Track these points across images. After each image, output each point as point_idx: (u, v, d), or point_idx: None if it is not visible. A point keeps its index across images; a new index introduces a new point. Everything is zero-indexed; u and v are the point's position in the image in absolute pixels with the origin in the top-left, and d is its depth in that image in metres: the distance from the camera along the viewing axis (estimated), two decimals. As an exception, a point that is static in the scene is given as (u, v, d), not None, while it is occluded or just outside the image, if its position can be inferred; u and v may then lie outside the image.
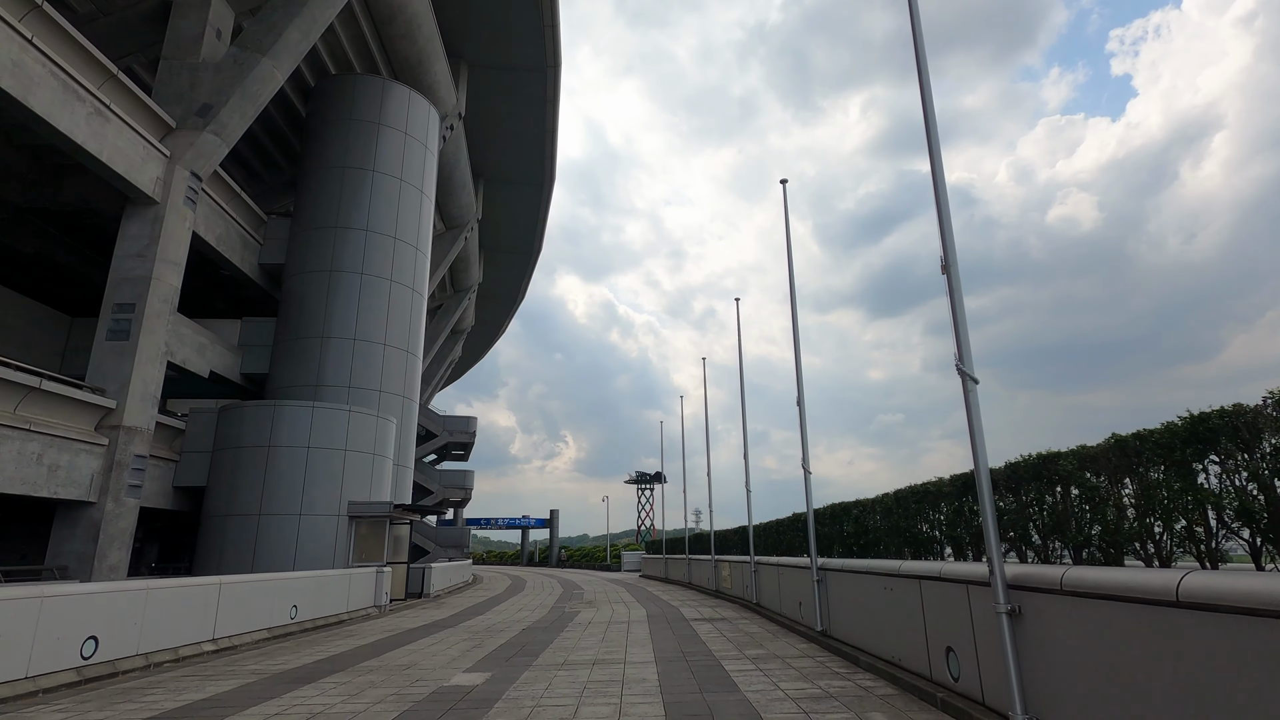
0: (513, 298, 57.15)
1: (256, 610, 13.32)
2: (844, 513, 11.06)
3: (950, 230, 6.53)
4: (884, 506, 9.15)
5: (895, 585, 7.82)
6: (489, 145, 37.74)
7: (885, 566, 8.11)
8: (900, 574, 7.67)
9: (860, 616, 9.07)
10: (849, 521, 10.78)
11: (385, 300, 24.25)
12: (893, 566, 7.93)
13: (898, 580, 7.75)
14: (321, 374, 22.74)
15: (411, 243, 25.66)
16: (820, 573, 10.87)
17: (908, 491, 8.38)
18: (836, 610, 10.20)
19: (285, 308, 23.81)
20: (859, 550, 10.59)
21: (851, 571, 9.31)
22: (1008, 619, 5.21)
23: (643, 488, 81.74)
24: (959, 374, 5.78)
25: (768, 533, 17.27)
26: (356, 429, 20.98)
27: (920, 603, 7.18)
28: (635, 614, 16.62)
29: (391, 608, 20.18)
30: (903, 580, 7.63)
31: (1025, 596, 5.13)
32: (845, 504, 10.97)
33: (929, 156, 6.51)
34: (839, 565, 9.99)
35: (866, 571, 8.70)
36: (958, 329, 5.88)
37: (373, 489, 21.25)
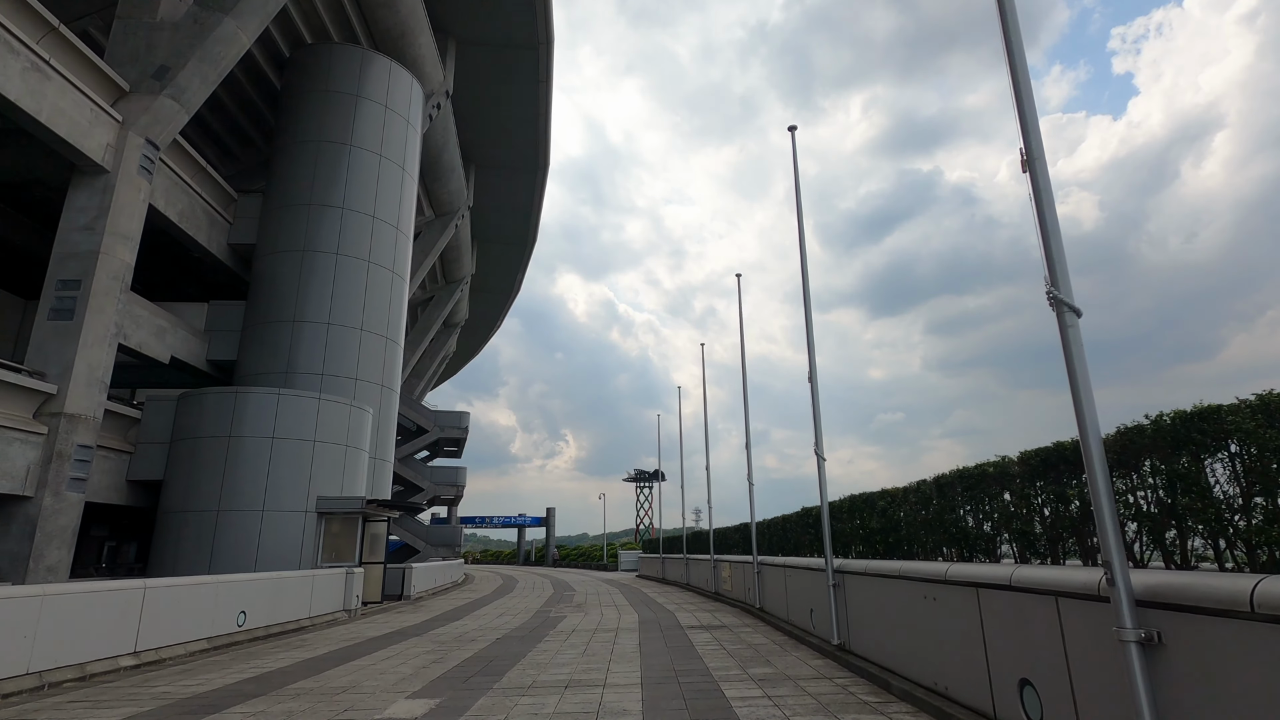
0: (508, 290, 55.48)
1: (193, 618, 11.65)
2: (866, 505, 9.39)
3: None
4: (920, 496, 7.48)
5: (941, 594, 6.16)
6: (480, 128, 36.08)
7: (925, 570, 6.45)
8: (948, 580, 6.00)
9: (890, 630, 7.41)
10: (873, 515, 9.13)
11: (363, 283, 22.58)
12: (935, 570, 6.26)
13: (944, 588, 6.09)
14: (293, 360, 21.07)
15: (392, 222, 23.99)
16: (837, 576, 9.21)
17: (954, 476, 6.70)
18: (858, 621, 8.52)
19: (255, 290, 22.15)
20: (885, 550, 8.94)
21: (879, 575, 7.64)
22: (1139, 649, 3.54)
23: (641, 486, 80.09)
24: (1053, 305, 4.11)
25: (772, 530, 15.60)
26: (327, 418, 19.32)
27: (979, 618, 5.51)
28: (625, 620, 14.96)
29: (364, 612, 18.52)
30: (951, 588, 5.96)
31: (1167, 618, 3.46)
32: (868, 494, 9.32)
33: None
34: (860, 567, 8.32)
35: (899, 575, 7.03)
36: (1049, 248, 4.21)
37: (345, 483, 19.59)
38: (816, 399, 10.01)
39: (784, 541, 14.58)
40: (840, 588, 9.13)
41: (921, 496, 7.53)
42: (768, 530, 16.03)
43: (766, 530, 16.10)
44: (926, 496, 7.41)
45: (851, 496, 10.06)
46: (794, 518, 13.65)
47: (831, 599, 9.22)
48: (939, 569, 6.20)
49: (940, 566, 6.23)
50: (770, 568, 13.83)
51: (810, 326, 10.29)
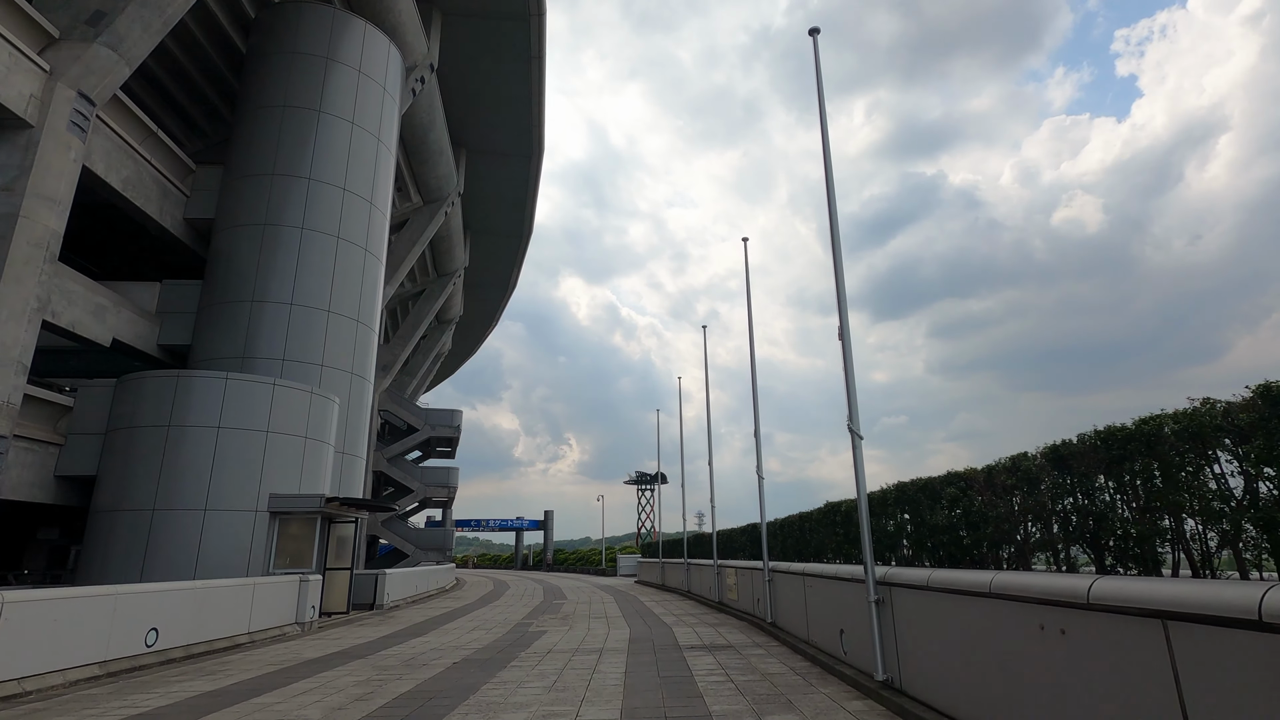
0: (504, 285, 53.29)
1: (80, 638, 9.38)
2: (923, 495, 7.12)
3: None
4: (1023, 474, 5.19)
5: (1077, 624, 3.89)
6: (470, 109, 33.94)
7: (1046, 586, 4.17)
8: (1094, 604, 3.73)
9: (972, 671, 5.13)
10: (934, 509, 6.87)
11: (331, 261, 20.38)
12: (1065, 588, 3.99)
13: (1085, 617, 3.82)
14: (250, 344, 18.85)
15: (365, 196, 21.80)
16: (881, 589, 6.92)
17: (1090, 441, 4.36)
18: (915, 652, 6.23)
19: (212, 268, 19.96)
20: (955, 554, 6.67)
21: (951, 591, 5.36)
22: None
23: (643, 488, 77.74)
24: None
25: (787, 532, 13.31)
26: (284, 407, 17.08)
27: (1169, 668, 3.24)
28: (614, 637, 12.65)
29: (323, 625, 16.24)
30: (1101, 617, 3.69)
31: None
32: (928, 480, 7.06)
33: None
34: (919, 578, 6.04)
35: (992, 594, 4.76)
36: None
37: (305, 480, 17.34)
38: (850, 362, 7.74)
39: (802, 544, 12.28)
40: (886, 605, 6.84)
41: (1024, 475, 5.24)
42: (780, 532, 13.74)
43: (779, 531, 13.81)
44: (1029, 475, 5.13)
45: (900, 484, 7.77)
46: (816, 516, 11.32)
47: (874, 620, 6.93)
48: (1073, 585, 3.92)
49: (1073, 582, 3.96)
50: (785, 576, 11.52)
51: (840, 270, 8.03)
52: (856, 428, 7.51)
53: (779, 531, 13.74)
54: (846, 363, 7.74)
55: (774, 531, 13.88)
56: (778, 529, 13.74)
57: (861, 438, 7.48)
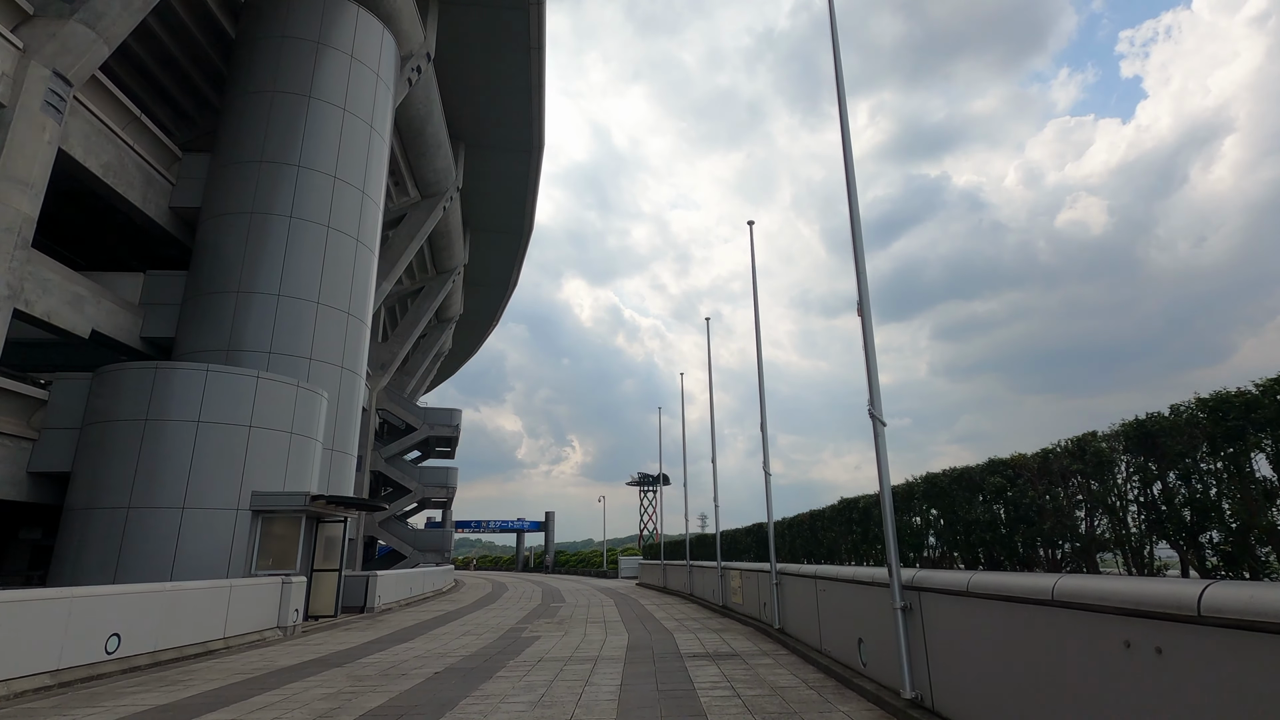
0: (504, 284, 52.53)
1: (29, 645, 8.59)
2: (960, 487, 6.26)
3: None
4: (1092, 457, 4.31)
5: (1183, 642, 3.06)
6: (468, 102, 33.19)
7: (1146, 594, 3.34)
8: (1206, 616, 2.91)
9: (1024, 691, 4.30)
10: (971, 502, 6.03)
11: (320, 250, 19.61)
12: (1174, 596, 3.17)
13: (1194, 632, 2.99)
14: (236, 336, 18.08)
15: (357, 185, 21.04)
16: (908, 594, 6.09)
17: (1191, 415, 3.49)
18: (950, 667, 5.40)
19: (198, 258, 19.21)
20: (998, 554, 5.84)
21: (999, 598, 4.53)
22: None
23: (645, 490, 76.83)
24: None
25: (795, 531, 12.45)
26: (268, 400, 16.30)
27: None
28: (611, 644, 11.82)
29: (308, 629, 15.44)
30: (1226, 637, 2.86)
31: None
32: (964, 470, 6.21)
33: None
34: (958, 582, 5.21)
35: (1057, 601, 3.93)
36: None
37: (291, 477, 16.55)
38: (870, 340, 6.91)
39: (813, 545, 11.42)
40: (914, 612, 6.01)
41: (1091, 459, 4.38)
42: (788, 532, 12.88)
43: (787, 531, 12.95)
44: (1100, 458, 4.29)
45: (930, 476, 6.91)
46: (828, 514, 10.45)
47: (900, 629, 6.09)
48: (1174, 593, 3.10)
49: (1174, 588, 3.13)
50: (795, 579, 10.67)
51: (858, 237, 7.20)
52: (879, 413, 6.68)
53: (787, 531, 12.89)
54: (867, 340, 6.92)
55: (781, 531, 13.04)
56: (785, 529, 12.89)
57: (884, 424, 6.66)
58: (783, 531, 13.01)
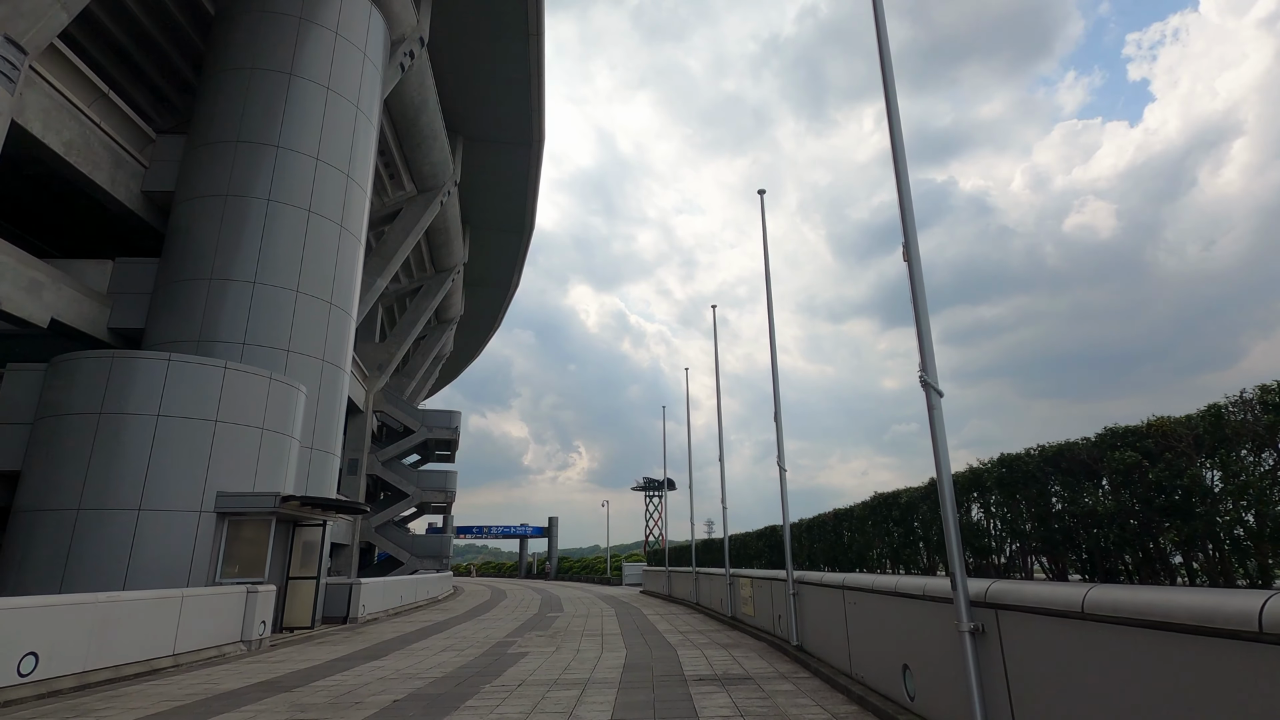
0: (505, 284, 51.25)
1: (-89, 668, 7.23)
2: (1057, 469, 4.78)
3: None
4: None
5: None
6: (465, 92, 31.95)
7: None
8: None
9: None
10: (1079, 488, 4.56)
11: (300, 236, 18.31)
12: None
13: None
14: (208, 326, 16.77)
15: (341, 168, 19.76)
16: (980, 613, 4.63)
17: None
18: (1049, 712, 3.95)
19: (170, 244, 17.94)
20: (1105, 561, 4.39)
21: (1154, 626, 3.09)
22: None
23: (650, 495, 75.23)
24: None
25: (816, 534, 10.97)
26: (237, 393, 14.96)
27: None
28: (607, 662, 10.36)
29: (279, 641, 14.04)
30: None
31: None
32: (1064, 445, 4.75)
33: None
34: (1061, 600, 3.75)
35: (1258, 637, 2.50)
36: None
37: (262, 476, 15.18)
38: (920, 292, 5.47)
39: (836, 550, 9.94)
40: (988, 637, 4.55)
41: None
42: (806, 535, 11.39)
43: (804, 535, 11.46)
44: None
45: (1007, 458, 5.45)
46: (859, 513, 8.95)
47: (970, 659, 4.63)
48: None
49: None
50: (817, 589, 9.19)
51: (902, 168, 5.79)
52: (934, 380, 5.23)
53: (805, 535, 11.40)
54: (916, 293, 5.47)
55: (798, 535, 11.56)
56: (803, 532, 11.39)
57: (941, 394, 5.21)
58: (799, 535, 11.53)
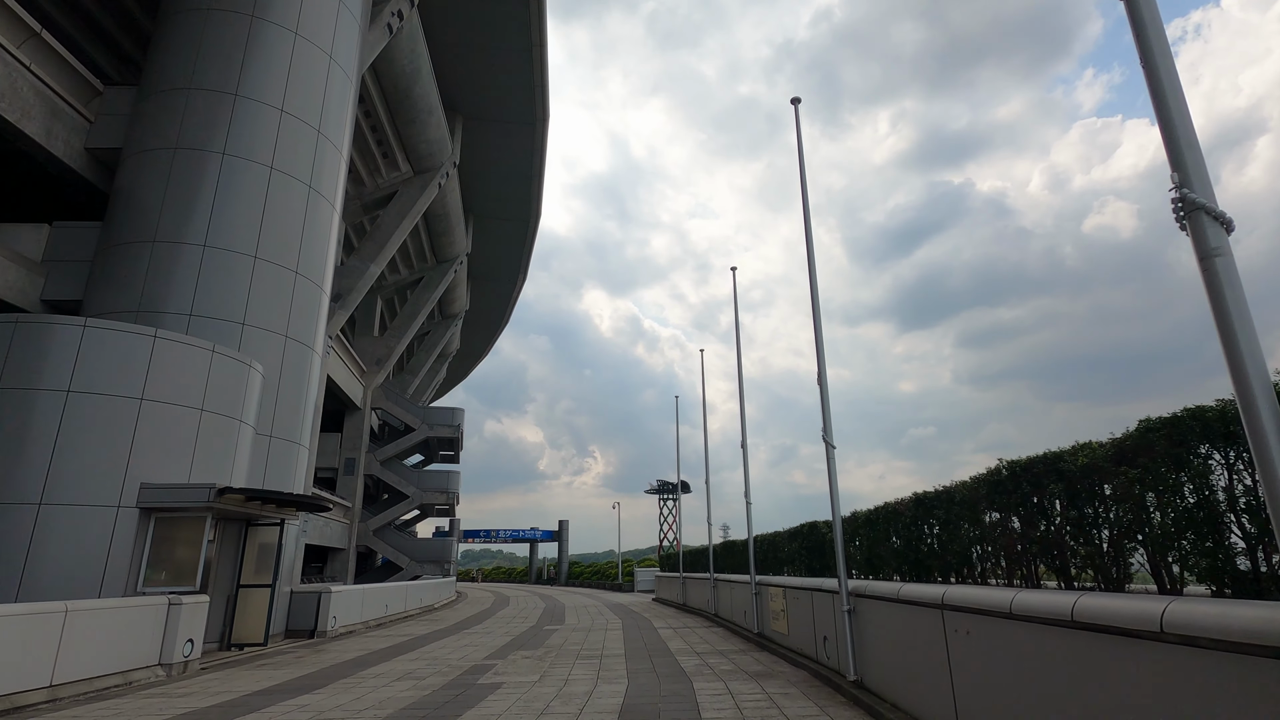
0: (512, 278, 48.86)
1: None
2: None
3: None
4: None
5: None
6: (463, 65, 29.59)
7: None
8: None
9: None
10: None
11: (261, 195, 15.90)
12: None
13: None
14: (149, 295, 14.39)
15: (311, 123, 17.37)
16: None
17: None
18: None
19: (114, 206, 15.62)
20: None
21: None
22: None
23: (664, 498, 72.45)
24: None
25: (874, 529, 8.20)
26: (170, 368, 12.52)
27: None
28: (598, 704, 7.71)
29: (216, 662, 11.54)
30: None
31: None
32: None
33: None
34: None
35: None
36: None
37: (201, 466, 12.71)
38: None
39: (915, 554, 7.22)
40: None
41: None
42: (863, 530, 8.65)
43: (860, 531, 8.71)
44: None
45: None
46: (960, 495, 6.19)
47: None
48: None
49: None
50: (891, 607, 6.47)
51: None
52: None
53: (860, 531, 8.67)
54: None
55: (852, 531, 8.84)
56: (860, 526, 8.65)
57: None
58: (854, 531, 8.80)
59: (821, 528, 10.20)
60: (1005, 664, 4.36)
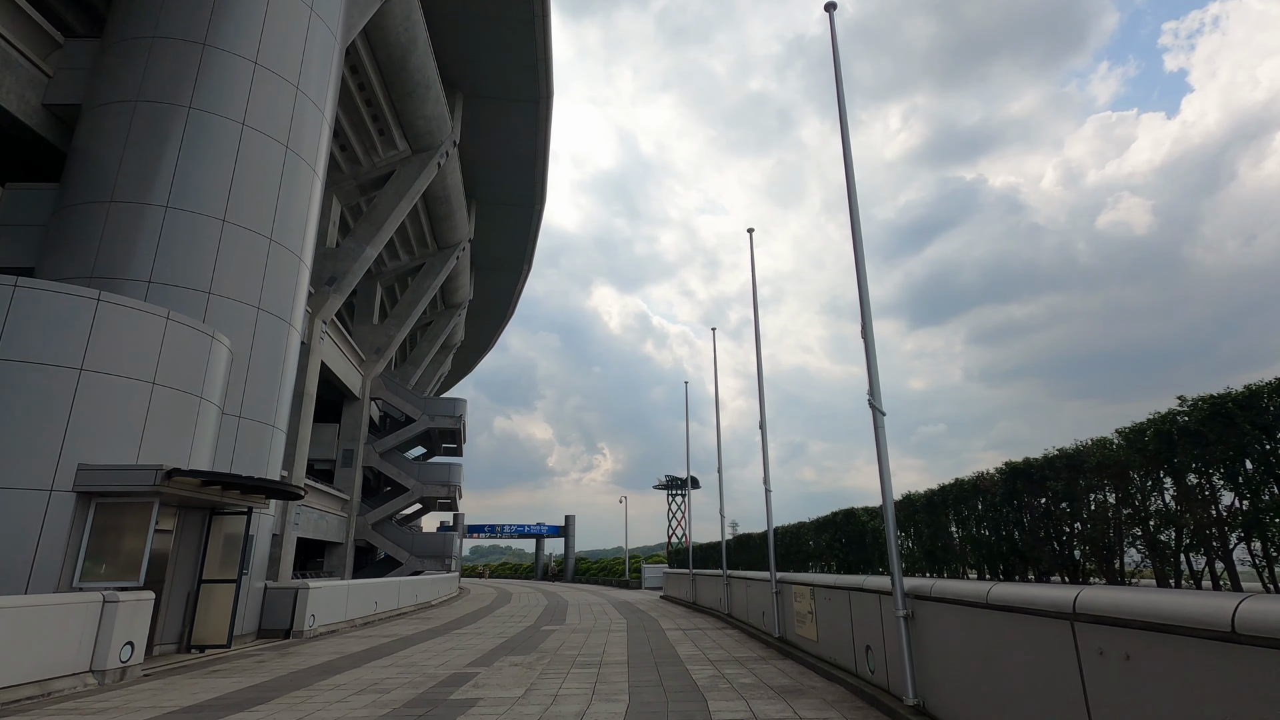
0: (517, 267, 47.37)
1: None
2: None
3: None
4: None
5: None
6: (461, 38, 28.06)
7: None
8: None
9: None
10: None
11: (231, 154, 14.43)
12: None
13: None
14: (104, 259, 12.94)
15: (289, 78, 15.88)
16: None
17: None
18: None
19: (71, 164, 14.21)
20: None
21: None
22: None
23: (673, 493, 70.82)
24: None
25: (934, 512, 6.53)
26: (115, 335, 11.05)
27: None
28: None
29: (167, 666, 10.08)
30: None
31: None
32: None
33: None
34: None
35: None
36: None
37: (153, 446, 11.24)
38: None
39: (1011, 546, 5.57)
40: None
41: None
42: (923, 515, 7.00)
43: (922, 514, 7.05)
44: None
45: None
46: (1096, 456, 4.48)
47: None
48: None
49: None
50: (972, 613, 4.87)
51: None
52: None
53: (917, 517, 7.02)
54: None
55: (907, 515, 7.17)
56: (919, 511, 6.99)
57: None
58: (907, 518, 7.16)
59: (860, 515, 8.58)
60: (1212, 713, 2.74)
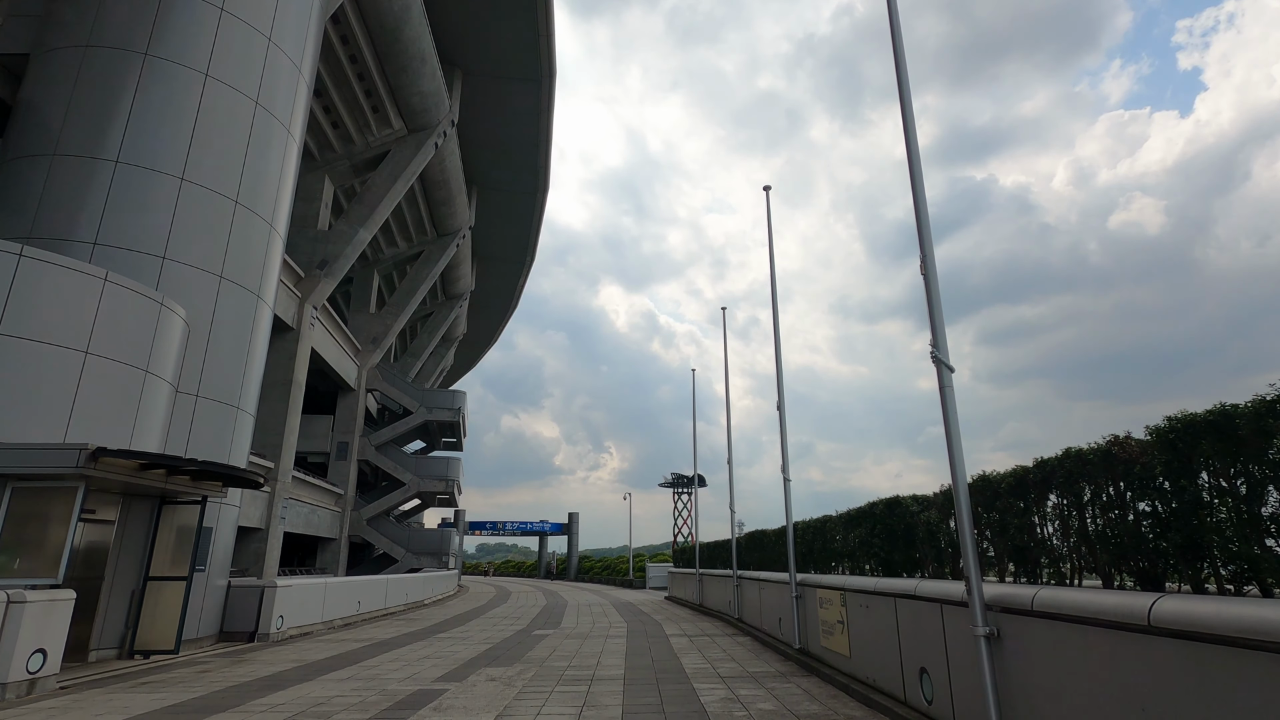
0: (520, 257, 45.92)
1: None
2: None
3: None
4: None
5: None
6: (460, 12, 26.64)
7: None
8: None
9: None
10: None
11: (192, 107, 12.99)
12: None
13: None
14: (44, 218, 11.53)
15: (261, 29, 14.45)
16: None
17: None
18: None
19: (15, 117, 12.82)
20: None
21: None
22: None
23: (679, 491, 69.27)
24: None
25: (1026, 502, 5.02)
26: (38, 296, 9.62)
27: None
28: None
29: (96, 676, 8.62)
30: None
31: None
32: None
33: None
34: None
35: None
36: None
37: (85, 423, 9.81)
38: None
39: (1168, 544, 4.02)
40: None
41: None
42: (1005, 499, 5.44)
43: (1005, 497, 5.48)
44: None
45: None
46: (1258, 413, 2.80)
47: None
48: None
49: None
50: (1108, 635, 3.35)
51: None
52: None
53: (999, 504, 5.45)
54: None
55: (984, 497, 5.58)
56: (1003, 493, 5.40)
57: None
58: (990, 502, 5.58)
59: (908, 505, 7.03)
60: None
